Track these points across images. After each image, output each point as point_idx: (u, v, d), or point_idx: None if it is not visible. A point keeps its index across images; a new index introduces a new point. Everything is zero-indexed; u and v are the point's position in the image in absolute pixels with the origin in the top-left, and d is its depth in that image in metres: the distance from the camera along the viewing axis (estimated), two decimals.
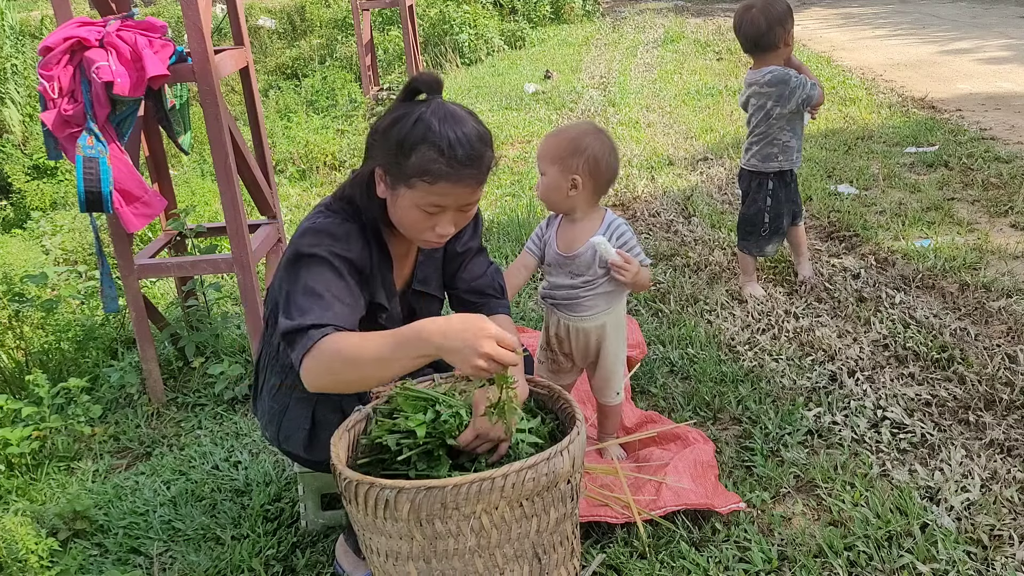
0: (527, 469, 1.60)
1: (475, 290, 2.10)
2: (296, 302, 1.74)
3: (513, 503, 1.62)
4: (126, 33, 2.71)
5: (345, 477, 1.65)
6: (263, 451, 2.73)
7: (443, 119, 1.71)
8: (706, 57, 9.77)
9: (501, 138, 6.74)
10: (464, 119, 1.74)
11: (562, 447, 1.67)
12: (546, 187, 2.29)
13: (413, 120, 1.72)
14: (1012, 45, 9.08)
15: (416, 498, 1.57)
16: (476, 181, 1.75)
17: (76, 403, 3.07)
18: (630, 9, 14.95)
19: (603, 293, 2.34)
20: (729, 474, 2.43)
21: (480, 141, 1.74)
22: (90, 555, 2.34)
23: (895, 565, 2.03)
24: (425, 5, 11.64)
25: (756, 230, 3.53)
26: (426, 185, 1.71)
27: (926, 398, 2.72)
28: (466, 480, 1.57)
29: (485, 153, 1.75)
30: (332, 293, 1.75)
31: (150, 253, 3.21)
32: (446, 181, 1.70)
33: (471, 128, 1.73)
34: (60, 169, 7.46)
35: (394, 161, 1.73)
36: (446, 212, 1.77)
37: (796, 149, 3.44)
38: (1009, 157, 5.10)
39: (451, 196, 1.74)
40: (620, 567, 2.10)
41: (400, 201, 1.77)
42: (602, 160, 2.25)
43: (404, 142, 1.71)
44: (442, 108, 1.74)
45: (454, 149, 1.69)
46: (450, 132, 1.70)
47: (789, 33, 3.30)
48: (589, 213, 2.32)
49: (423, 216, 1.76)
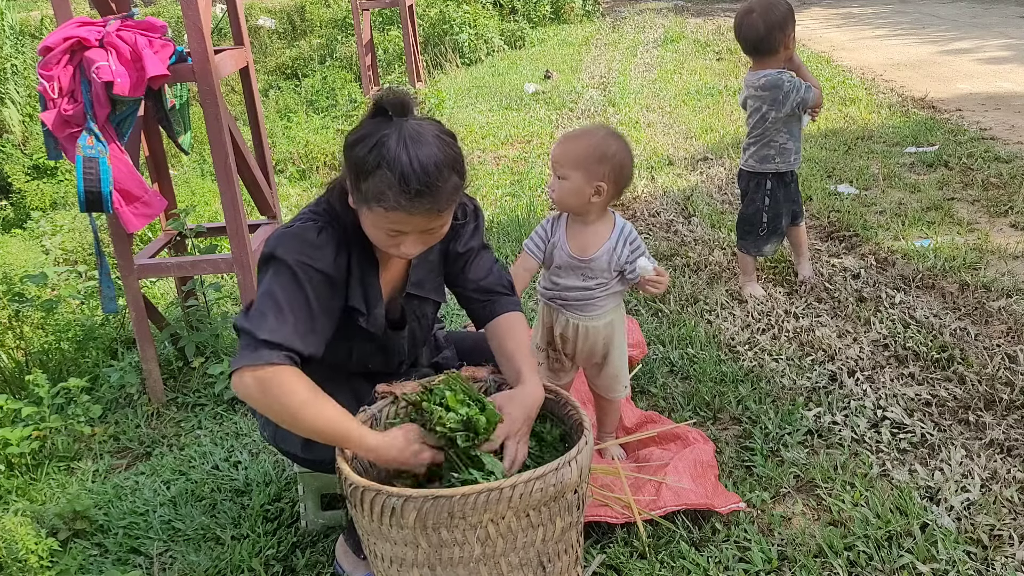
0: (535, 480, 1.59)
1: (483, 289, 2.08)
2: (257, 305, 1.77)
3: (520, 513, 1.61)
4: (126, 33, 2.71)
5: (351, 483, 1.64)
6: (263, 451, 2.73)
7: (403, 145, 1.65)
8: (706, 57, 9.77)
9: (501, 138, 6.74)
10: (426, 145, 1.67)
11: (570, 457, 1.66)
12: (567, 192, 2.24)
13: (372, 144, 1.67)
14: (1012, 45, 9.08)
15: (423, 507, 1.56)
16: (433, 211, 1.70)
17: (76, 403, 3.07)
18: (630, 9, 14.95)
19: (615, 292, 2.36)
20: (729, 474, 2.43)
21: (440, 169, 1.67)
22: (90, 555, 2.34)
23: (895, 565, 2.03)
24: (425, 5, 11.64)
25: (754, 230, 3.53)
26: (382, 211, 1.69)
27: (926, 398, 2.72)
28: (473, 490, 1.56)
29: (444, 182, 1.68)
30: (290, 306, 1.75)
31: (150, 253, 3.21)
32: (400, 212, 1.68)
33: (431, 155, 1.67)
34: (60, 169, 7.47)
35: (353, 182, 1.72)
36: (408, 235, 1.75)
37: (794, 151, 3.44)
38: (1009, 157, 5.10)
39: (408, 224, 1.72)
40: (620, 567, 2.10)
41: (363, 219, 1.77)
42: (627, 167, 2.25)
43: (361, 166, 1.68)
44: (405, 132, 1.67)
45: (407, 181, 1.64)
46: (405, 161, 1.64)
47: (789, 37, 3.28)
48: (602, 216, 2.32)
49: (386, 236, 1.76)
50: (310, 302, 1.77)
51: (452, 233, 2.02)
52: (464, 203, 2.05)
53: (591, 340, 2.38)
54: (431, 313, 2.12)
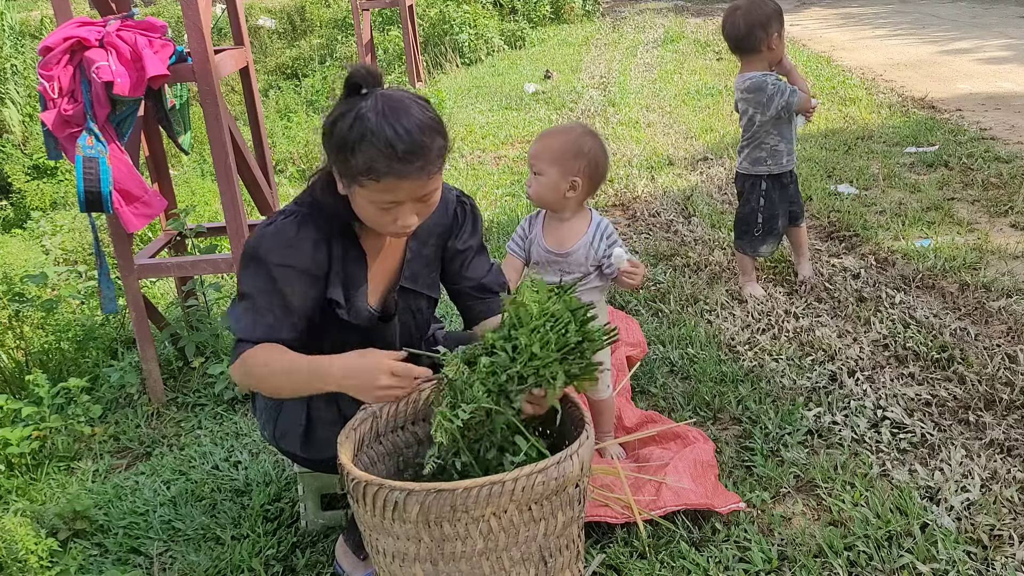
0: (537, 473, 1.60)
1: (482, 287, 2.11)
2: (239, 305, 1.86)
3: (522, 506, 1.62)
4: (126, 33, 2.71)
5: (353, 477, 1.64)
6: (263, 451, 2.73)
7: (382, 114, 1.67)
8: (706, 57, 9.77)
9: (501, 138, 6.74)
10: (406, 109, 1.69)
11: (572, 451, 1.66)
12: (544, 187, 2.31)
13: (352, 119, 1.68)
14: (1012, 45, 9.08)
15: (426, 500, 1.56)
16: (424, 173, 1.70)
17: (76, 403, 3.07)
18: (630, 9, 14.95)
19: (594, 288, 2.39)
20: (729, 474, 2.43)
21: (423, 131, 1.68)
22: (90, 555, 2.34)
23: (895, 565, 2.03)
24: (425, 5, 11.64)
25: (750, 230, 3.54)
26: (374, 183, 1.69)
27: (926, 398, 2.72)
28: (476, 484, 1.57)
29: (431, 143, 1.70)
30: (268, 305, 1.83)
31: (150, 253, 3.21)
32: (392, 177, 1.68)
33: (414, 119, 1.68)
34: (60, 169, 7.47)
35: (340, 162, 1.73)
36: (403, 204, 1.75)
37: (786, 152, 3.42)
38: (1009, 157, 5.10)
39: (401, 191, 1.72)
40: (620, 567, 2.10)
41: (356, 199, 1.77)
42: (601, 163, 2.31)
43: (345, 143, 1.69)
44: (382, 101, 1.68)
45: (394, 146, 1.65)
46: (388, 128, 1.65)
47: (772, 36, 3.25)
48: (578, 212, 2.36)
49: (381, 211, 1.76)
50: (287, 300, 1.84)
51: (451, 230, 2.05)
52: (463, 201, 2.07)
53: None
54: (425, 308, 2.12)
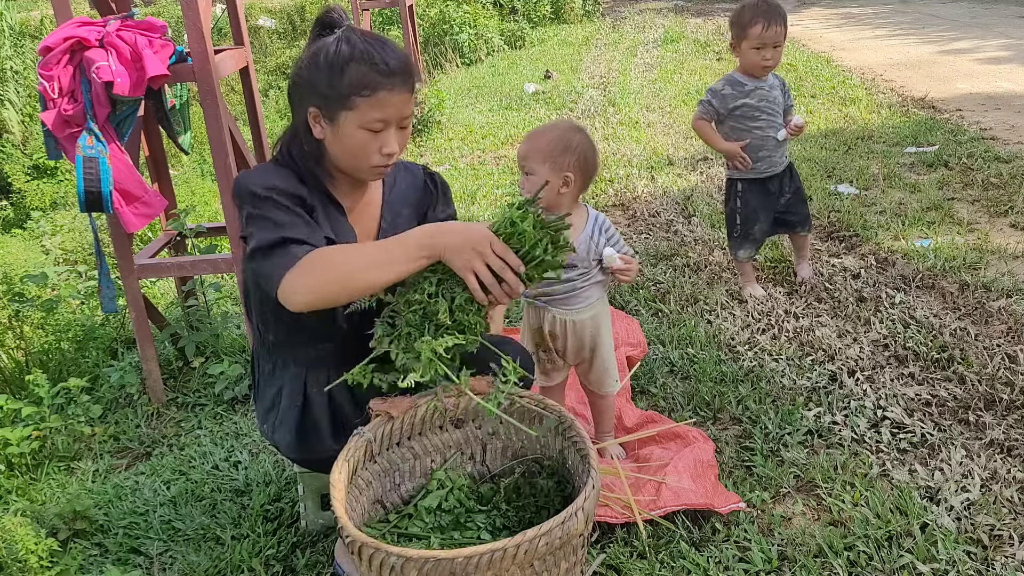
0: (540, 536, 1.54)
1: None
2: (266, 218, 1.75)
3: (524, 566, 1.56)
4: (126, 33, 2.71)
5: (350, 537, 1.58)
6: (263, 451, 2.73)
7: (363, 38, 1.78)
8: (706, 57, 9.77)
9: (501, 138, 6.74)
10: (383, 39, 1.82)
11: (577, 507, 1.59)
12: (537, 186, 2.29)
13: (336, 44, 1.77)
14: (1012, 45, 9.09)
15: (423, 567, 1.50)
16: (409, 89, 1.80)
17: (76, 403, 3.07)
18: (630, 9, 14.96)
19: (597, 282, 2.40)
20: (729, 474, 2.43)
21: (404, 54, 1.81)
22: (90, 555, 2.34)
23: (895, 565, 2.03)
24: (425, 5, 11.64)
25: (729, 232, 3.61)
26: (365, 100, 1.75)
27: (926, 398, 2.72)
28: (476, 552, 1.50)
29: (412, 64, 1.82)
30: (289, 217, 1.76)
31: (150, 253, 3.21)
32: (383, 90, 1.75)
33: (392, 45, 1.81)
34: (60, 169, 7.46)
35: (328, 87, 1.76)
36: (389, 128, 1.80)
37: (760, 160, 3.40)
38: (1009, 157, 5.10)
39: (391, 106, 1.77)
40: (620, 567, 2.10)
41: (343, 129, 1.79)
42: (590, 156, 2.32)
43: (334, 64, 1.75)
44: (360, 32, 1.81)
45: (386, 61, 1.75)
46: (375, 50, 1.76)
47: (743, 39, 3.29)
48: (574, 209, 2.37)
49: (369, 137, 1.79)
50: (298, 214, 1.79)
51: (425, 201, 2.07)
52: (431, 174, 2.12)
53: (578, 334, 2.41)
54: None
